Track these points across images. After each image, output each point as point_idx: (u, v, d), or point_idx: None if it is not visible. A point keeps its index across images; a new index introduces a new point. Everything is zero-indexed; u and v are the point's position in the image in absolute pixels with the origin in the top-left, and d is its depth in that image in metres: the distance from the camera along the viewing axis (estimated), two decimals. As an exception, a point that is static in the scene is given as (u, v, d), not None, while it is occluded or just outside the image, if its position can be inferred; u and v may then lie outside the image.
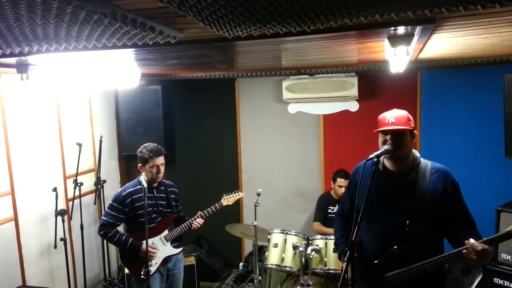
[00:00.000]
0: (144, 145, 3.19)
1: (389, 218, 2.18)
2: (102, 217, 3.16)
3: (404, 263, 2.09)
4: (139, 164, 3.15)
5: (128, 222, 3.21)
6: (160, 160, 3.13)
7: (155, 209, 3.20)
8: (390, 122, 2.11)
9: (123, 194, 3.12)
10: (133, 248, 3.09)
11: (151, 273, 3.04)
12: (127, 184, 3.26)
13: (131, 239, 3.12)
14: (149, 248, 3.07)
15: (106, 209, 3.17)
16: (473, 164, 4.07)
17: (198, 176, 5.21)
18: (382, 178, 2.21)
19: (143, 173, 3.13)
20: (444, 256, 2.03)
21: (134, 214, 3.13)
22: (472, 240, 1.93)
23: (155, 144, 3.19)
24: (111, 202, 3.14)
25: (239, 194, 3.62)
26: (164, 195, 3.28)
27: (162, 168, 3.16)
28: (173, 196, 3.35)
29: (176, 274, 3.35)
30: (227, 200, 3.53)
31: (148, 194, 3.10)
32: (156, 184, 3.22)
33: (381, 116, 2.19)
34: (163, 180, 3.33)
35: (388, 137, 2.10)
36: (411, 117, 2.17)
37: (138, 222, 3.10)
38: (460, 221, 2.10)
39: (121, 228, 3.22)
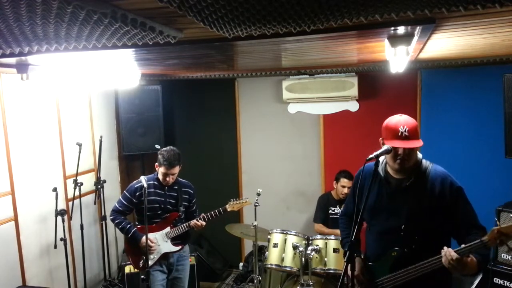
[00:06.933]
0: (167, 149, 3.21)
1: (388, 222, 2.19)
2: (115, 203, 3.32)
3: (402, 266, 2.10)
4: (156, 163, 3.25)
5: (138, 213, 3.34)
6: (172, 170, 3.17)
7: (162, 206, 3.26)
8: (404, 135, 2.01)
9: (135, 186, 3.26)
10: (134, 238, 3.22)
11: (149, 266, 3.12)
12: (145, 176, 3.25)
13: (134, 229, 3.24)
14: (148, 242, 3.16)
15: (120, 196, 3.35)
16: (473, 164, 4.06)
17: (198, 176, 5.17)
18: (382, 182, 2.21)
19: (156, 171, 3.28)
20: (425, 263, 2.01)
21: (143, 207, 3.15)
22: (446, 248, 1.93)
23: (176, 153, 3.19)
24: (125, 191, 3.32)
25: (245, 202, 3.53)
26: (175, 194, 3.32)
27: (172, 177, 3.22)
28: (186, 196, 3.37)
29: (180, 270, 3.41)
30: (232, 206, 3.46)
31: (158, 191, 3.27)
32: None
33: (391, 124, 2.08)
34: (179, 179, 3.37)
35: (400, 150, 2.03)
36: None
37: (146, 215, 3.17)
38: (463, 225, 2.07)
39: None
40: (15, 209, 3.47)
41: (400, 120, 2.07)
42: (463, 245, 1.91)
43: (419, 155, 2.19)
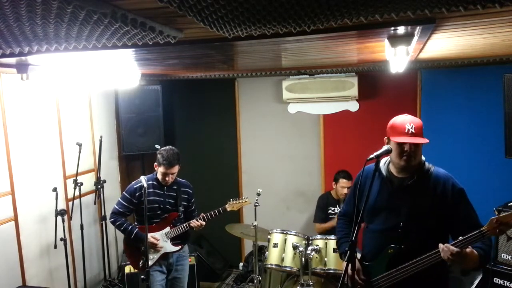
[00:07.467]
0: (166, 148, 3.22)
1: (387, 221, 2.19)
2: (114, 205, 3.30)
3: (398, 264, 2.10)
4: (155, 163, 3.24)
5: (138, 213, 3.33)
6: (171, 170, 3.17)
7: (161, 206, 3.26)
8: (410, 132, 2.06)
9: (134, 186, 3.24)
10: (138, 238, 3.21)
11: (149, 265, 3.11)
12: (144, 176, 3.26)
13: (137, 229, 3.23)
14: (153, 240, 3.20)
15: (119, 198, 3.32)
16: (473, 164, 4.07)
17: (197, 176, 5.18)
18: (384, 181, 2.21)
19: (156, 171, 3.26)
20: (423, 259, 2.01)
21: (142, 207, 3.15)
22: (441, 244, 1.93)
23: (175, 152, 3.20)
24: (124, 192, 3.30)
25: (245, 201, 3.54)
26: (174, 194, 3.32)
27: (172, 176, 3.22)
28: (185, 196, 3.38)
29: (179, 270, 3.40)
30: (232, 206, 3.47)
31: (157, 191, 3.26)
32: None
33: (398, 123, 2.12)
34: (178, 179, 3.36)
35: (406, 146, 2.07)
36: None
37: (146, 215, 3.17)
38: (465, 226, 2.06)
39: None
40: (15, 209, 3.47)
41: (406, 119, 2.13)
42: (460, 237, 1.92)
43: (423, 158, 2.20)
